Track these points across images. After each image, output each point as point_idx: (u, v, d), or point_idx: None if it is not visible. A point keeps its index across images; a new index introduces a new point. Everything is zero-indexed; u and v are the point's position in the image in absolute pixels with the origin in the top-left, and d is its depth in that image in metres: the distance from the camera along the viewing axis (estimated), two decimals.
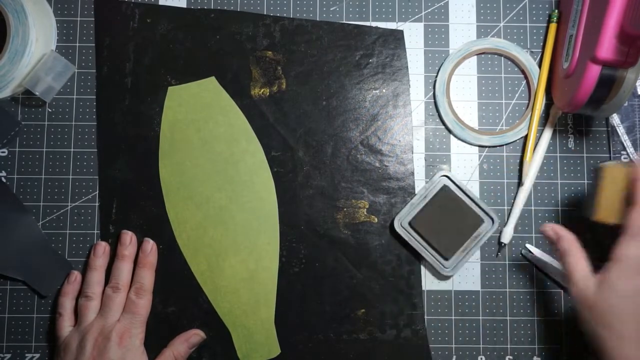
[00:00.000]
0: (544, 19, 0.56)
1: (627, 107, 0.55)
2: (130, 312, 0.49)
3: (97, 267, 0.52)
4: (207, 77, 0.55)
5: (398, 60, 0.56)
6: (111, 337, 0.47)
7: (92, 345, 0.47)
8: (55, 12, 0.56)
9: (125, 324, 0.49)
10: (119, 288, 0.50)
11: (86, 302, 0.50)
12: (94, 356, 0.47)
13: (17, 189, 0.54)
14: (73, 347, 0.48)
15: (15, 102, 0.55)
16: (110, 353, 0.47)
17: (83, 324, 0.49)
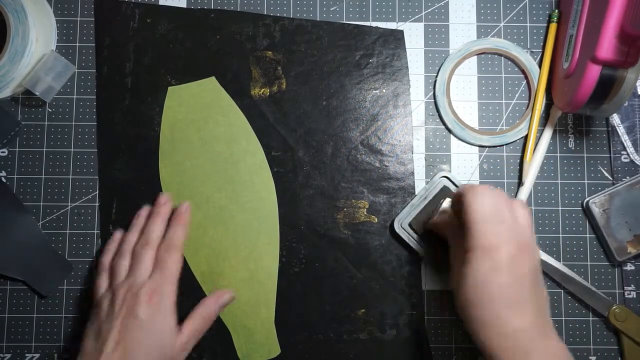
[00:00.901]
0: (544, 19, 0.56)
1: (627, 107, 0.55)
2: (159, 269, 0.48)
3: (137, 229, 0.51)
4: (207, 77, 0.55)
5: (398, 60, 0.56)
6: (140, 295, 0.46)
7: (121, 304, 0.46)
8: (55, 12, 0.56)
9: (154, 282, 0.47)
10: (148, 244, 0.49)
11: (118, 260, 0.50)
12: (123, 315, 0.45)
13: (17, 189, 0.54)
14: (104, 306, 0.47)
15: (15, 102, 0.55)
16: (139, 311, 0.45)
17: (115, 282, 0.48)
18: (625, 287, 0.53)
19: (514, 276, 0.40)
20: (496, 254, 0.40)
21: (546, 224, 0.54)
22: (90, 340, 0.46)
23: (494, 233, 0.41)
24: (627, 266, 0.53)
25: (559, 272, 0.53)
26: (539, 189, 0.54)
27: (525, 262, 0.41)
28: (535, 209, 0.54)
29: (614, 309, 0.52)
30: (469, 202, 0.42)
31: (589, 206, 0.53)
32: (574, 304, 0.53)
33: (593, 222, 0.54)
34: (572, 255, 0.54)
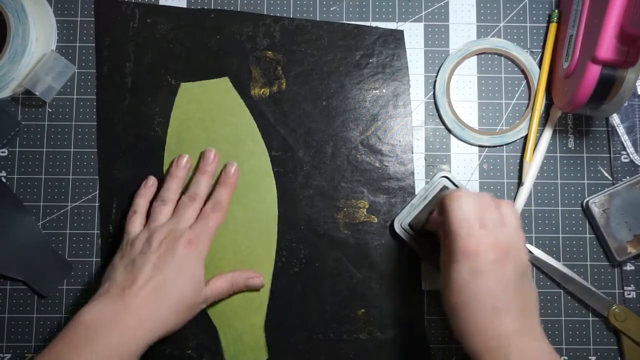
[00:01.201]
0: (544, 19, 0.56)
1: (627, 107, 0.55)
2: (202, 222, 0.49)
3: (178, 176, 0.52)
4: (206, 77, 0.55)
5: (398, 60, 0.56)
6: (180, 240, 0.47)
7: (159, 243, 0.46)
8: (55, 12, 0.56)
9: (196, 232, 0.48)
10: (195, 198, 0.50)
11: (161, 205, 0.50)
12: (160, 253, 0.46)
13: (17, 189, 0.54)
14: (139, 243, 0.47)
15: (15, 102, 0.55)
16: (176, 253, 0.46)
17: (154, 224, 0.49)
18: (625, 287, 0.53)
19: (496, 280, 0.40)
20: (477, 259, 0.40)
21: (546, 224, 0.54)
22: (120, 272, 0.46)
23: (475, 238, 0.41)
24: (627, 266, 0.53)
25: (559, 272, 0.53)
26: (539, 189, 0.54)
27: (508, 265, 0.41)
28: (535, 209, 0.54)
29: (614, 309, 0.52)
30: (449, 208, 0.42)
31: (588, 206, 0.53)
32: (573, 304, 0.53)
33: (593, 222, 0.54)
34: (572, 255, 0.54)
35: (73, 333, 0.42)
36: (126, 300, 0.43)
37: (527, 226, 0.54)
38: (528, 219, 0.54)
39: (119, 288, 0.44)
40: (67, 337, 0.42)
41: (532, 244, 0.54)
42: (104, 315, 0.42)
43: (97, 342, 0.41)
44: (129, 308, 0.43)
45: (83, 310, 0.43)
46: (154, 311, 0.44)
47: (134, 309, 0.43)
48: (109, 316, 0.42)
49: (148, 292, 0.44)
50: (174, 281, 0.45)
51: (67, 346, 0.41)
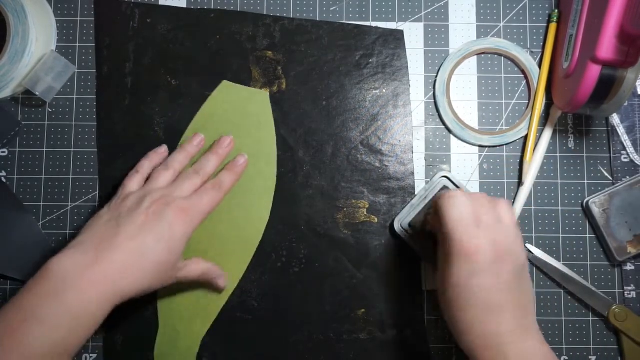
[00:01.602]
0: (544, 19, 0.56)
1: (627, 107, 0.55)
2: (198, 196, 0.47)
3: (187, 151, 0.51)
4: (206, 77, 0.55)
5: (398, 60, 0.56)
6: (171, 205, 0.45)
7: (150, 204, 0.44)
8: (55, 12, 0.56)
9: (190, 202, 0.46)
10: (199, 173, 0.49)
11: (163, 169, 0.49)
12: (147, 214, 0.44)
13: (17, 189, 0.54)
14: (132, 200, 0.46)
15: (15, 102, 0.55)
16: (164, 219, 0.44)
17: (151, 185, 0.48)
18: (625, 287, 0.53)
19: (494, 279, 0.40)
20: (474, 259, 0.40)
21: (546, 224, 0.54)
22: (102, 224, 0.44)
23: (471, 237, 0.41)
24: (627, 266, 0.53)
25: (559, 272, 0.53)
26: (539, 189, 0.54)
27: (506, 265, 0.41)
28: (535, 209, 0.54)
29: (614, 309, 0.52)
30: (444, 209, 0.42)
31: (589, 206, 0.53)
32: (574, 304, 0.53)
33: (593, 222, 0.54)
34: (572, 255, 0.54)
35: (41, 284, 0.39)
36: (99, 255, 0.41)
37: (527, 226, 0.54)
38: (528, 219, 0.54)
39: (96, 241, 0.42)
40: (34, 288, 0.39)
41: (532, 244, 0.54)
42: (75, 268, 0.40)
43: (66, 295, 0.39)
44: (102, 263, 0.41)
45: (53, 260, 0.40)
46: (127, 271, 0.41)
47: (107, 264, 0.41)
48: (80, 270, 0.40)
49: (125, 252, 0.42)
50: (154, 247, 0.43)
51: (34, 297, 0.39)
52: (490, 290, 0.40)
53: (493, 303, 0.40)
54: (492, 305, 0.40)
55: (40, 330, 0.38)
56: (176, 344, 0.52)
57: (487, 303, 0.40)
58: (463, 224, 0.41)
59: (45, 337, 0.38)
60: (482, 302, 0.40)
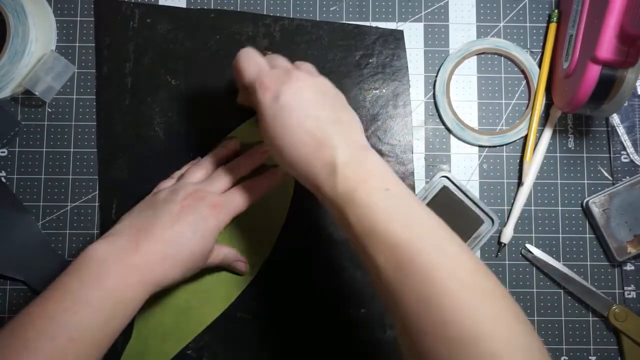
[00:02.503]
0: (544, 19, 0.56)
1: (627, 107, 0.55)
2: (232, 195, 0.47)
3: (220, 154, 0.51)
4: (206, 77, 0.55)
5: (398, 60, 0.56)
6: (205, 199, 0.45)
7: (185, 196, 0.44)
8: (55, 12, 0.56)
9: (222, 200, 0.46)
10: (233, 172, 0.49)
11: (195, 168, 0.49)
12: (182, 205, 0.44)
13: (17, 189, 0.54)
14: (166, 192, 0.46)
15: (15, 102, 0.55)
16: (198, 212, 0.44)
17: (183, 181, 0.48)
18: (625, 287, 0.53)
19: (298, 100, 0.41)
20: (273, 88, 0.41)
21: (546, 224, 0.54)
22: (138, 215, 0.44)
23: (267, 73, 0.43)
24: (627, 266, 0.53)
25: (559, 272, 0.53)
26: (539, 189, 0.54)
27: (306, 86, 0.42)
28: (535, 209, 0.54)
29: (614, 309, 0.52)
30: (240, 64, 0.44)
31: (589, 206, 0.53)
32: (574, 304, 0.53)
33: (593, 222, 0.54)
34: (572, 255, 0.54)
35: (84, 268, 0.40)
36: (140, 243, 0.41)
37: (527, 226, 0.54)
38: (528, 219, 0.54)
39: (134, 229, 0.43)
40: (77, 272, 0.40)
41: (532, 244, 0.54)
42: (116, 254, 0.41)
43: (108, 280, 0.39)
44: (142, 251, 0.41)
45: (92, 247, 0.41)
46: (164, 260, 0.42)
47: (146, 253, 0.41)
48: (121, 256, 0.41)
49: (161, 242, 0.42)
50: (189, 238, 0.43)
51: (78, 281, 0.39)
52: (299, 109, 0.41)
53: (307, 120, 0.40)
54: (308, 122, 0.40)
55: (85, 313, 0.38)
56: (143, 358, 0.51)
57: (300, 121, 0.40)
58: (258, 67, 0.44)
59: (88, 320, 0.38)
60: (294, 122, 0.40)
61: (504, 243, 0.53)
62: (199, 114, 0.55)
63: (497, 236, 0.54)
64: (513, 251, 0.54)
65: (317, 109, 0.41)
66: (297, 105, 0.41)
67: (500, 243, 0.53)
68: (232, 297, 0.53)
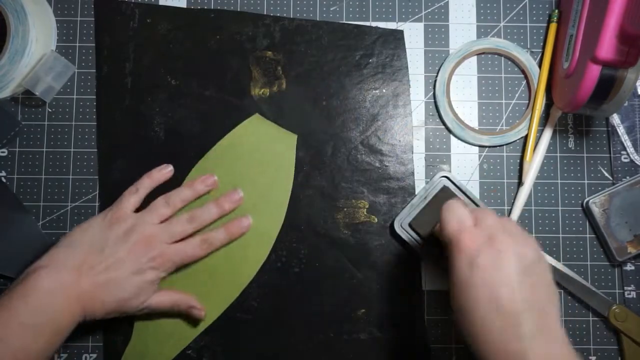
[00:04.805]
0: (544, 19, 0.56)
1: (627, 107, 0.55)
2: (182, 248, 0.49)
3: (195, 190, 0.52)
4: (206, 77, 0.55)
5: (398, 60, 0.56)
6: (154, 249, 0.48)
7: (135, 241, 0.47)
8: (55, 12, 0.56)
9: (171, 251, 0.49)
10: (194, 222, 0.50)
11: (163, 205, 0.50)
12: (130, 250, 0.47)
13: (17, 189, 0.54)
14: (122, 228, 0.48)
15: (15, 102, 0.55)
16: (141, 261, 0.47)
17: (145, 218, 0.49)
18: (625, 287, 0.53)
19: (496, 271, 0.38)
20: (472, 251, 0.38)
21: (546, 224, 0.54)
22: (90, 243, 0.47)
23: (469, 233, 0.40)
24: (627, 266, 0.53)
25: (559, 272, 0.53)
26: (539, 189, 0.54)
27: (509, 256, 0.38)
28: (535, 209, 0.54)
29: (614, 309, 0.52)
30: (443, 216, 0.42)
31: (589, 206, 0.53)
32: (574, 304, 0.53)
33: (593, 222, 0.54)
34: (572, 255, 0.54)
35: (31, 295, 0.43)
36: (81, 279, 0.45)
37: (527, 226, 0.54)
38: (528, 219, 0.54)
39: (78, 261, 0.46)
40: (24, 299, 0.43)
41: None
42: (60, 286, 0.44)
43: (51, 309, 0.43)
44: (78, 286, 0.45)
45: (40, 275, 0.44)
46: (96, 299, 0.46)
47: (84, 289, 0.45)
48: (64, 288, 0.44)
49: (101, 281, 0.46)
50: (127, 284, 0.47)
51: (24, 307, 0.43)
52: (494, 283, 0.37)
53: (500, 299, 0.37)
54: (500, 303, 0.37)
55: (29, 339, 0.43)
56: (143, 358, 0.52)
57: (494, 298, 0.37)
58: (461, 222, 0.41)
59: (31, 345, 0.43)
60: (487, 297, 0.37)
61: None
62: (198, 114, 0.55)
63: None
64: None
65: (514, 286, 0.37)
66: (492, 278, 0.38)
67: None
68: (232, 298, 0.53)
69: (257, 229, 0.53)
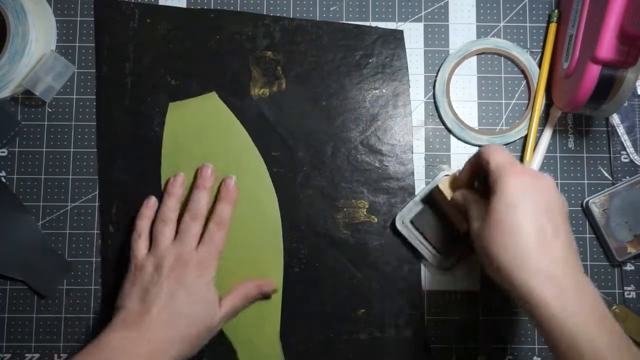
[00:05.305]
0: (544, 19, 0.56)
1: (627, 107, 0.55)
2: (208, 243, 0.49)
3: (175, 194, 0.51)
4: (206, 77, 0.55)
5: (398, 60, 0.56)
6: (189, 264, 0.47)
7: (170, 269, 0.47)
8: (55, 12, 0.56)
9: (203, 254, 0.48)
10: (197, 217, 0.50)
11: (162, 226, 0.50)
12: (170, 281, 0.46)
13: (17, 189, 0.54)
14: (149, 270, 0.47)
15: (15, 102, 0.55)
16: (188, 279, 0.46)
17: (159, 248, 0.48)
18: (625, 287, 0.53)
19: (534, 212, 0.40)
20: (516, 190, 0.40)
21: None
22: (133, 301, 0.46)
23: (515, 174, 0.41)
24: (627, 266, 0.53)
25: None
26: None
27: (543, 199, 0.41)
28: None
29: (614, 309, 0.52)
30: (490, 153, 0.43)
31: (589, 206, 0.53)
32: None
33: (593, 222, 0.54)
34: None
35: (95, 354, 0.43)
36: (142, 330, 0.44)
37: None
38: None
39: (135, 316, 0.45)
40: (89, 357, 0.43)
41: None
42: (123, 342, 0.43)
43: None
44: (145, 337, 0.44)
45: (106, 334, 0.44)
46: (168, 339, 0.45)
47: (150, 338, 0.44)
48: (130, 345, 0.43)
49: (163, 321, 0.45)
50: (188, 308, 0.46)
51: None
52: (533, 221, 0.39)
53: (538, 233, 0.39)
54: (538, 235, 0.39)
55: None
56: (257, 355, 0.52)
57: (532, 232, 0.39)
58: (509, 162, 0.42)
59: None
60: (527, 231, 0.39)
61: None
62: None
63: None
64: None
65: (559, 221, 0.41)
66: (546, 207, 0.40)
67: None
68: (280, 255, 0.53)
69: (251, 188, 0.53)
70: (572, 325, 0.37)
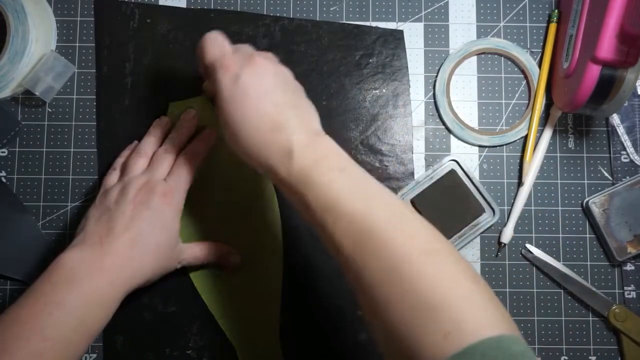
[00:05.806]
0: (544, 19, 0.56)
1: (627, 107, 0.55)
2: (177, 174, 0.48)
3: (155, 134, 0.51)
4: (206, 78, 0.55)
5: (398, 60, 0.56)
6: (156, 191, 0.46)
7: (135, 193, 0.45)
8: (55, 12, 0.56)
9: (170, 185, 0.47)
10: (171, 150, 0.49)
11: (136, 157, 0.49)
12: (134, 203, 0.45)
13: (17, 189, 0.54)
14: (114, 194, 0.46)
15: (15, 102, 0.55)
16: (151, 206, 0.45)
17: (128, 175, 0.48)
18: (625, 287, 0.53)
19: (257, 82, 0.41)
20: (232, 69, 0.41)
21: (546, 224, 0.54)
22: (95, 222, 0.45)
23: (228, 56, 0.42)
24: (627, 266, 0.53)
25: (559, 272, 0.53)
26: (539, 189, 0.54)
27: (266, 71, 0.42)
28: (535, 209, 0.54)
29: (614, 309, 0.52)
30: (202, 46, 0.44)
31: (589, 206, 0.53)
32: (574, 304, 0.53)
33: (593, 222, 0.54)
34: (572, 255, 0.54)
35: (56, 275, 0.42)
36: (104, 247, 0.43)
37: (527, 226, 0.54)
38: (528, 219, 0.54)
39: (96, 236, 0.44)
40: (49, 278, 0.42)
41: (532, 244, 0.54)
42: (85, 260, 0.42)
43: (81, 284, 0.41)
44: (108, 254, 0.43)
45: (63, 256, 0.43)
46: (132, 259, 0.44)
47: (113, 254, 0.43)
48: (90, 261, 0.42)
49: (125, 241, 0.44)
50: (150, 232, 0.45)
51: (51, 285, 0.41)
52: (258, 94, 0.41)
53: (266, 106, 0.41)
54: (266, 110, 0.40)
55: (58, 314, 0.40)
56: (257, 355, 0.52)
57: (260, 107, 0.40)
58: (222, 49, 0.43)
59: (62, 321, 0.40)
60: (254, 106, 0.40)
61: (504, 243, 0.53)
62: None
63: (497, 236, 0.54)
64: (513, 251, 0.54)
65: (276, 93, 0.41)
66: (256, 88, 0.41)
67: (500, 243, 0.53)
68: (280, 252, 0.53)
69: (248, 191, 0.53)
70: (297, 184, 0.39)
